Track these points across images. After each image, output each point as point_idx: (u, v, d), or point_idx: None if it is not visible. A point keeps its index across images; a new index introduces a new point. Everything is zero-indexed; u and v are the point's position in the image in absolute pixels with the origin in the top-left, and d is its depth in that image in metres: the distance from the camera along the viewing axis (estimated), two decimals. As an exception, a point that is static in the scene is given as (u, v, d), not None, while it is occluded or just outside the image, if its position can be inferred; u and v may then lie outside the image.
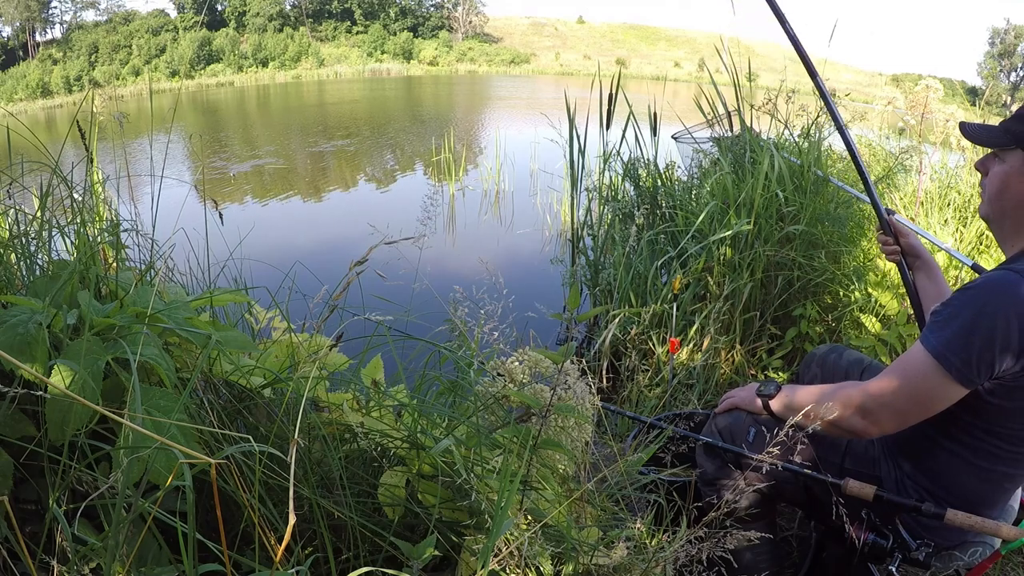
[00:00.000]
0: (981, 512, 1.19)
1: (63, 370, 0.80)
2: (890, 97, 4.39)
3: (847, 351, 1.68)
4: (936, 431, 1.20)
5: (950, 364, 1.06)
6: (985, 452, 1.16)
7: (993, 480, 1.19)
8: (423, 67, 55.50)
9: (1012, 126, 1.14)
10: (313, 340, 1.17)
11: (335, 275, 1.28)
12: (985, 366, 1.05)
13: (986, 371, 1.06)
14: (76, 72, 44.68)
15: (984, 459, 1.17)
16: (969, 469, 1.19)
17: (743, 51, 3.56)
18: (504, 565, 0.99)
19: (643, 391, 2.65)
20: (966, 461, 1.18)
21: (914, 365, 1.11)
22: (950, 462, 1.20)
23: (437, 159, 7.69)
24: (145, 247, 1.43)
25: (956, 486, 1.21)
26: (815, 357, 1.73)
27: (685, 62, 60.95)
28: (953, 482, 1.21)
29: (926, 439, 1.23)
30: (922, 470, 1.25)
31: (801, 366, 1.79)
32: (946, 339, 1.07)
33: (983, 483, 1.19)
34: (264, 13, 56.39)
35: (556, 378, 1.07)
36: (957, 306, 1.09)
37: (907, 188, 3.73)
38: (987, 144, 1.20)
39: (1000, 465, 1.17)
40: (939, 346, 1.08)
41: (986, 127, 1.22)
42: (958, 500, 1.20)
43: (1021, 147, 1.12)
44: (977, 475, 1.19)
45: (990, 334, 1.03)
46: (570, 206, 4.09)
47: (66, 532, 0.72)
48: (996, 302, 1.04)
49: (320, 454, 1.03)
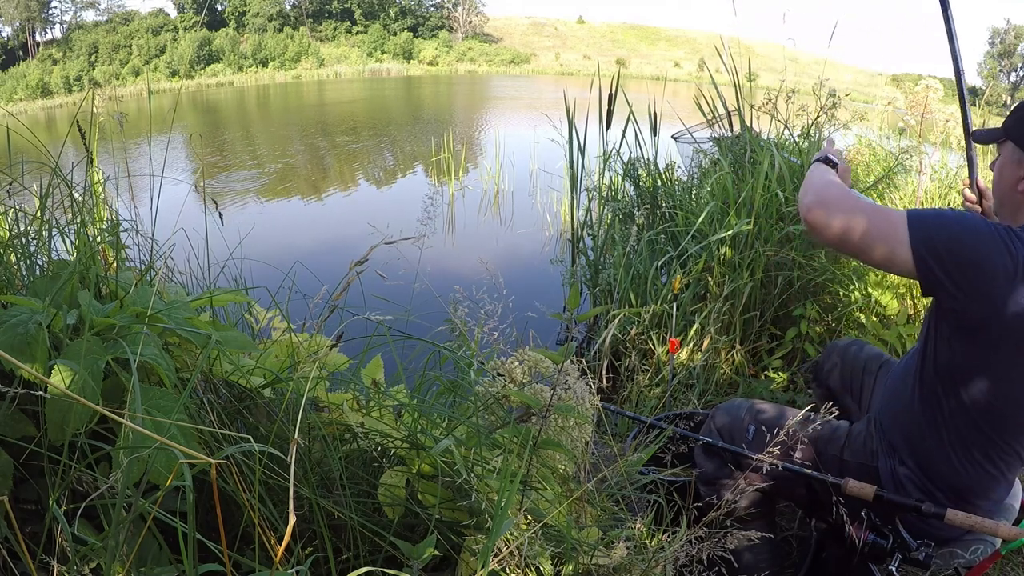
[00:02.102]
0: (975, 503, 1.22)
1: (63, 370, 0.80)
2: (890, 97, 4.39)
3: (867, 346, 1.73)
4: (926, 419, 1.22)
5: (915, 232, 1.09)
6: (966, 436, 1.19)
7: (976, 465, 1.21)
8: (423, 67, 55.46)
9: (1006, 121, 1.22)
10: (313, 340, 1.17)
11: (335, 275, 1.28)
12: (936, 258, 1.08)
13: (935, 263, 1.08)
14: (76, 72, 44.67)
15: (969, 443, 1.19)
16: (953, 456, 1.21)
17: (743, 51, 3.56)
18: (504, 565, 0.99)
19: (643, 391, 2.65)
20: (950, 445, 1.21)
21: (892, 211, 1.15)
22: (938, 451, 1.22)
23: (437, 159, 7.70)
24: (145, 247, 1.43)
25: (945, 476, 1.23)
26: (836, 348, 1.77)
27: (685, 62, 60.92)
28: (942, 472, 1.23)
29: (919, 429, 1.24)
30: (917, 462, 1.26)
31: (823, 355, 1.83)
32: (928, 218, 1.11)
33: (967, 469, 1.21)
34: (264, 13, 56.36)
35: (556, 378, 1.07)
36: (952, 212, 1.13)
37: (907, 188, 3.73)
38: (986, 142, 1.29)
39: (989, 450, 1.19)
40: (918, 217, 1.11)
41: (989, 129, 1.30)
42: (950, 491, 1.22)
43: (1009, 137, 1.20)
44: (962, 459, 1.21)
45: (959, 242, 1.08)
46: (570, 206, 4.09)
47: (66, 532, 0.72)
48: (987, 229, 1.09)
49: (320, 454, 1.03)
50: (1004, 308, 1.06)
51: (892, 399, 1.35)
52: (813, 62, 1.54)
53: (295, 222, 6.96)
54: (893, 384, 1.38)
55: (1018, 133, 1.19)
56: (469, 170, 8.54)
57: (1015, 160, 1.19)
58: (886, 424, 1.34)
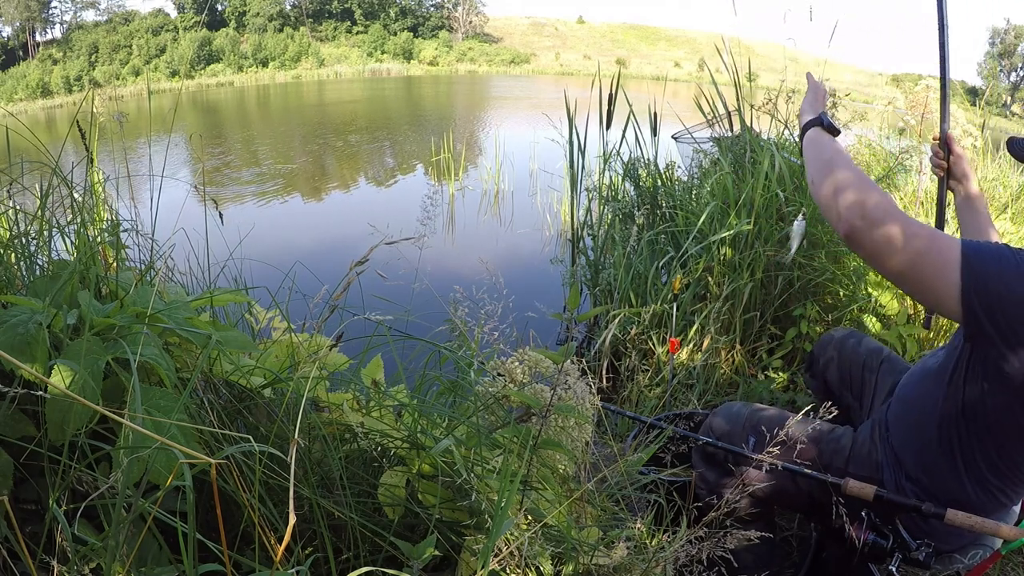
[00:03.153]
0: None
1: (63, 370, 0.80)
2: (890, 97, 4.39)
3: (866, 339, 1.65)
4: (942, 449, 1.19)
5: (969, 267, 0.99)
6: (981, 466, 1.16)
7: (989, 495, 1.18)
8: (423, 67, 55.45)
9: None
10: (313, 340, 1.17)
11: (335, 275, 1.28)
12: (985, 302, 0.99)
13: (981, 307, 0.99)
14: (76, 72, 44.66)
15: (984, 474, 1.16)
16: (968, 485, 1.18)
17: (743, 51, 3.56)
18: (504, 565, 0.99)
19: (643, 391, 2.65)
20: (966, 478, 1.18)
21: (945, 240, 1.03)
22: (952, 480, 1.19)
23: (437, 159, 7.69)
24: (145, 247, 1.43)
25: (956, 501, 1.19)
26: (832, 340, 1.69)
27: (685, 62, 60.91)
28: (954, 496, 1.20)
29: (933, 455, 1.21)
30: (927, 484, 1.23)
31: (816, 347, 1.75)
32: (985, 254, 1.00)
33: (982, 496, 1.18)
34: (264, 13, 56.35)
35: (556, 378, 1.07)
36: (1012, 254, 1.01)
37: (907, 188, 3.73)
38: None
39: (992, 477, 1.16)
40: (975, 251, 1.01)
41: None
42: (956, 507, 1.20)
43: None
44: (974, 490, 1.18)
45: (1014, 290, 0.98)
46: (570, 206, 4.08)
47: (66, 532, 0.72)
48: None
49: (320, 454, 1.03)
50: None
51: (905, 412, 1.30)
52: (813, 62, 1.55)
53: (295, 222, 6.96)
54: (906, 396, 1.31)
55: None
56: (469, 170, 8.54)
57: None
58: (896, 439, 1.30)
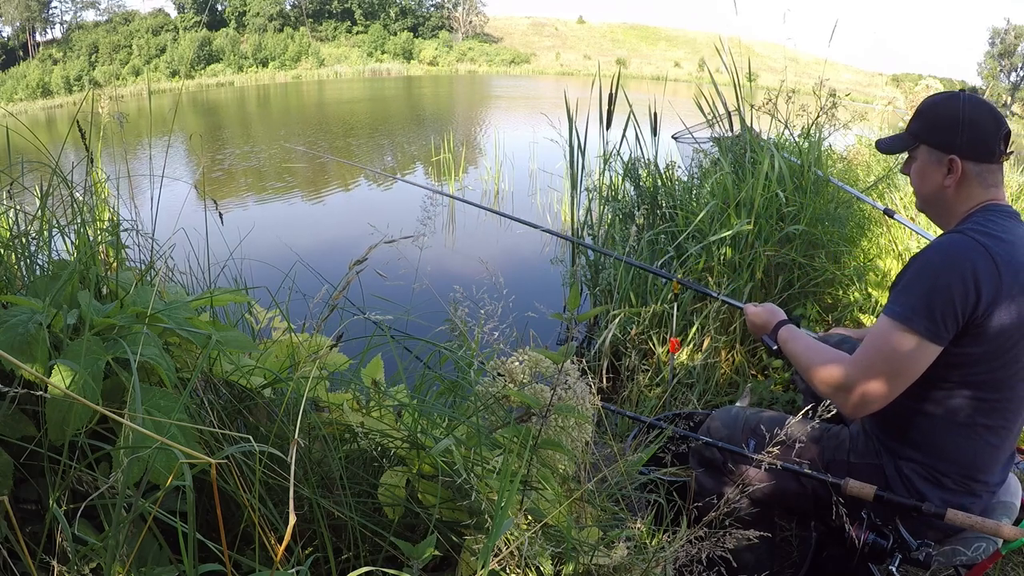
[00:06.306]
0: (978, 480, 1.22)
1: (63, 370, 0.80)
2: (890, 97, 4.39)
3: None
4: (913, 400, 1.22)
5: (918, 325, 1.12)
6: (961, 407, 1.19)
7: (976, 437, 1.21)
8: (423, 67, 55.47)
9: (912, 127, 1.27)
10: (313, 340, 1.17)
11: (335, 275, 1.28)
12: (951, 321, 1.12)
13: (952, 325, 1.12)
14: (76, 72, 44.66)
15: (963, 415, 1.20)
16: (951, 431, 1.21)
17: (743, 51, 3.56)
18: (504, 565, 0.99)
19: (643, 391, 2.65)
20: (947, 423, 1.21)
21: (884, 336, 1.16)
22: (934, 430, 1.23)
23: (437, 159, 7.69)
24: (145, 247, 1.43)
25: (946, 454, 1.23)
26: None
27: (685, 62, 60.89)
28: (942, 450, 1.23)
29: (906, 413, 1.24)
30: (914, 448, 1.26)
31: None
32: (910, 305, 1.13)
33: (968, 443, 1.21)
34: (264, 13, 56.35)
35: (556, 378, 1.07)
36: (913, 273, 1.16)
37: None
38: (899, 151, 1.33)
39: (979, 417, 1.19)
40: (904, 311, 1.14)
41: (895, 136, 1.35)
42: (953, 468, 1.22)
43: (922, 142, 1.25)
44: (960, 435, 1.21)
45: (948, 293, 1.11)
46: (570, 206, 4.08)
47: (66, 532, 0.72)
48: (948, 262, 1.13)
49: (320, 454, 1.03)
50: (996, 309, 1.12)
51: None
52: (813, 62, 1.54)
53: (295, 222, 6.96)
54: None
55: (931, 136, 1.23)
56: (469, 170, 8.53)
57: (934, 161, 1.23)
58: (874, 430, 1.34)
